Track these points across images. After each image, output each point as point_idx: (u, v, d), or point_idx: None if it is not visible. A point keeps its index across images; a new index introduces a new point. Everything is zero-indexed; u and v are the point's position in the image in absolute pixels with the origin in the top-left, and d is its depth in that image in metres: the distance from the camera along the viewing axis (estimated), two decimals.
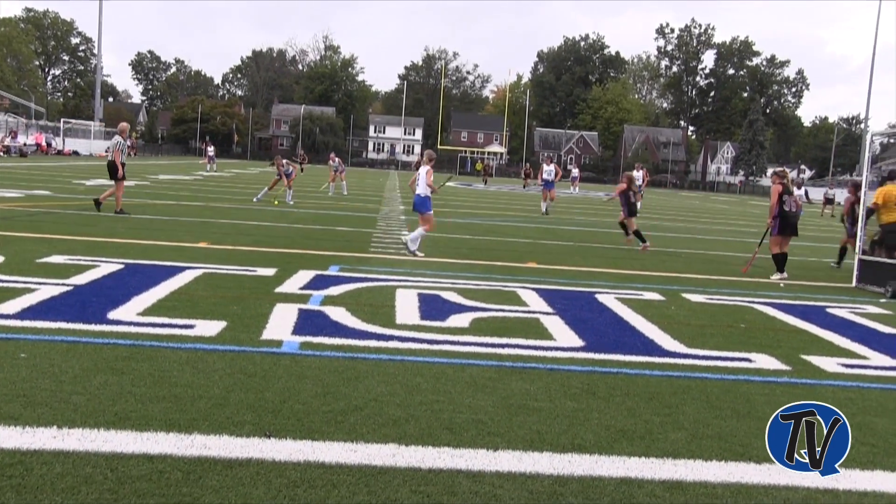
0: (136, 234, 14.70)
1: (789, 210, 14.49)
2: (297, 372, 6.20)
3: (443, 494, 4.13)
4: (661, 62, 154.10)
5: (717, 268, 15.75)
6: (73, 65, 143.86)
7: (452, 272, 12.37)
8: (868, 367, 7.72)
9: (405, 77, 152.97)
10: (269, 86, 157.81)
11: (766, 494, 4.44)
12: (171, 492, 3.95)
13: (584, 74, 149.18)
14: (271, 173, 36.32)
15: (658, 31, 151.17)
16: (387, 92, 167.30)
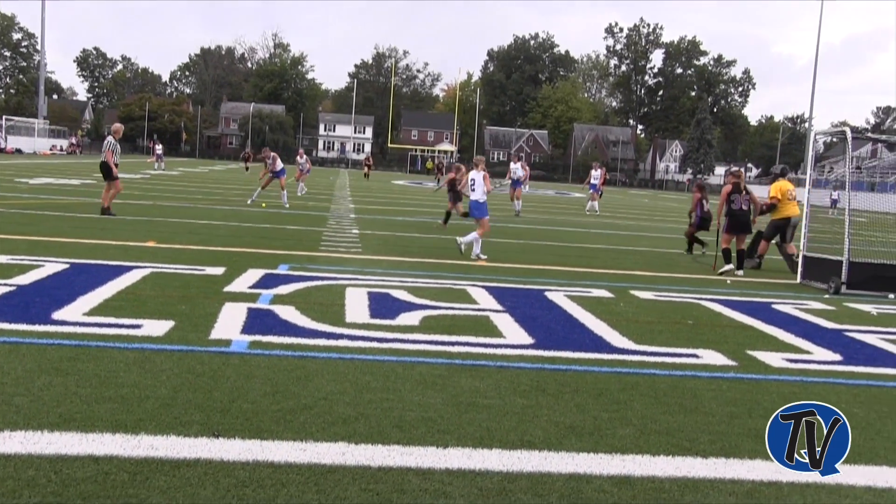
0: (81, 234, 14.49)
1: (738, 209, 14.99)
2: (246, 371, 6.15)
3: (392, 492, 4.12)
4: (610, 61, 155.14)
5: (666, 265, 15.91)
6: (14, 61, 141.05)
7: (402, 270, 12.36)
8: (811, 362, 7.85)
9: (355, 75, 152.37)
10: (218, 84, 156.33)
11: (713, 488, 4.49)
12: (117, 493, 3.90)
13: (534, 73, 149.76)
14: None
15: (607, 31, 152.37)
16: (337, 90, 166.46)
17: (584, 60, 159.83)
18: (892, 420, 6.06)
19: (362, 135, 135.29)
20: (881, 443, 5.49)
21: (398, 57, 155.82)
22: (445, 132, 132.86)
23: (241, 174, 54.48)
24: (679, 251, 19.06)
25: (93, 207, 19.83)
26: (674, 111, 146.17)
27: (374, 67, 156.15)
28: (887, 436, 5.66)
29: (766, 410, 6.05)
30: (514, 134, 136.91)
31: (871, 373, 7.58)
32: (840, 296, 12.94)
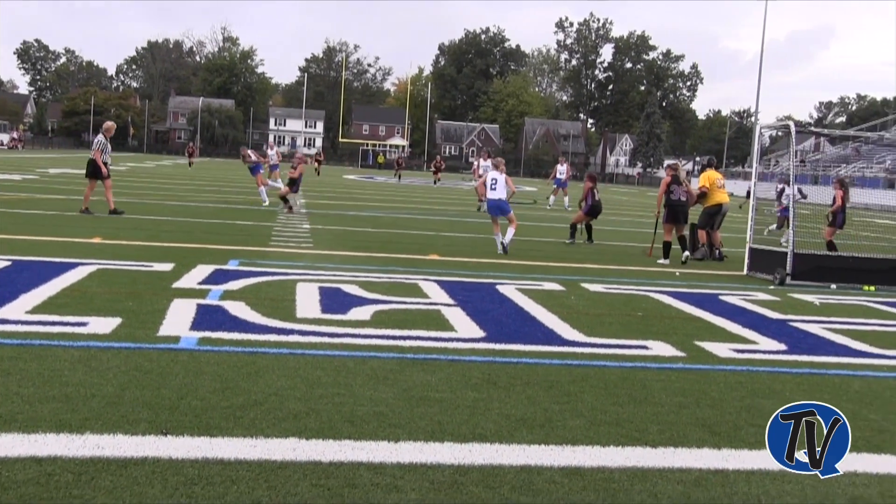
0: (24, 230, 14.25)
1: (676, 199, 15.62)
2: (196, 368, 6.09)
3: (343, 487, 4.12)
4: (560, 56, 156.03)
5: (616, 258, 16.04)
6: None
7: (354, 265, 12.32)
8: (757, 352, 7.97)
9: (306, 69, 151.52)
10: (166, 78, 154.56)
11: (661, 477, 4.54)
12: (61, 495, 3.84)
13: (485, 67, 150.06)
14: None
15: (557, 25, 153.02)
16: (287, 84, 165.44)
17: (534, 55, 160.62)
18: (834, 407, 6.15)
19: (313, 129, 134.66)
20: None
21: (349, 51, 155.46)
22: (397, 126, 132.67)
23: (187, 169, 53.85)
24: (631, 244, 19.23)
25: (36, 204, 19.52)
26: (623, 105, 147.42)
27: (325, 62, 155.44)
28: None
29: (714, 400, 6.14)
30: (466, 128, 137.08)
31: (813, 361, 7.72)
32: (785, 286, 13.14)
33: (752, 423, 5.62)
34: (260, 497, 3.94)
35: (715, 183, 16.87)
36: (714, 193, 16.77)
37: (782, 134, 27.97)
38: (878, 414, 6.06)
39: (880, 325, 10.01)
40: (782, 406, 6.02)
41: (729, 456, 4.95)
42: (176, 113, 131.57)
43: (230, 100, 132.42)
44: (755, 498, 4.33)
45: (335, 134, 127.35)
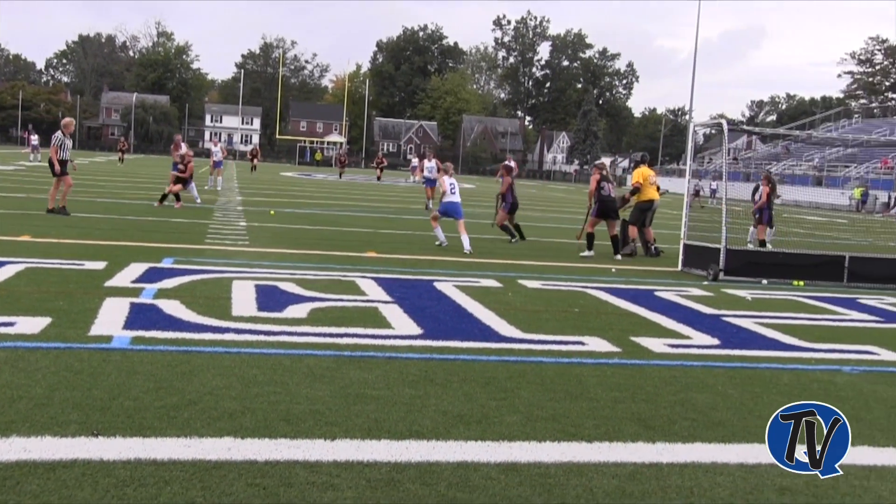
0: None
1: (607, 195, 16.13)
2: (128, 367, 6.00)
3: (279, 486, 4.09)
4: (498, 53, 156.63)
5: (554, 254, 16.15)
6: None
7: (291, 262, 12.24)
8: (691, 347, 8.09)
9: (242, 65, 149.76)
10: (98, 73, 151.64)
11: (597, 471, 4.58)
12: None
13: (423, 64, 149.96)
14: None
15: (495, 23, 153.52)
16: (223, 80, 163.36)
17: (472, 52, 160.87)
18: (764, 400, 6.29)
19: (250, 126, 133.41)
20: (753, 422, 5.70)
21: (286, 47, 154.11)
22: (335, 123, 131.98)
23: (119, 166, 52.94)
24: (568, 241, 19.38)
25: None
26: (561, 103, 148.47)
27: (262, 58, 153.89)
28: (759, 414, 5.87)
29: (649, 394, 6.22)
30: (404, 125, 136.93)
31: (745, 355, 7.86)
32: (718, 282, 13.36)
33: (685, 416, 5.70)
34: (194, 497, 3.89)
35: (648, 179, 17.11)
36: (646, 190, 17.01)
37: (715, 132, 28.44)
38: None
39: (809, 320, 10.22)
40: (715, 399, 6.16)
41: (663, 450, 5.02)
42: (109, 109, 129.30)
43: (165, 96, 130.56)
44: (688, 490, 4.40)
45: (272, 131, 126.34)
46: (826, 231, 22.87)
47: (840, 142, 59.41)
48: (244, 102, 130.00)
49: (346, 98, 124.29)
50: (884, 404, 6.41)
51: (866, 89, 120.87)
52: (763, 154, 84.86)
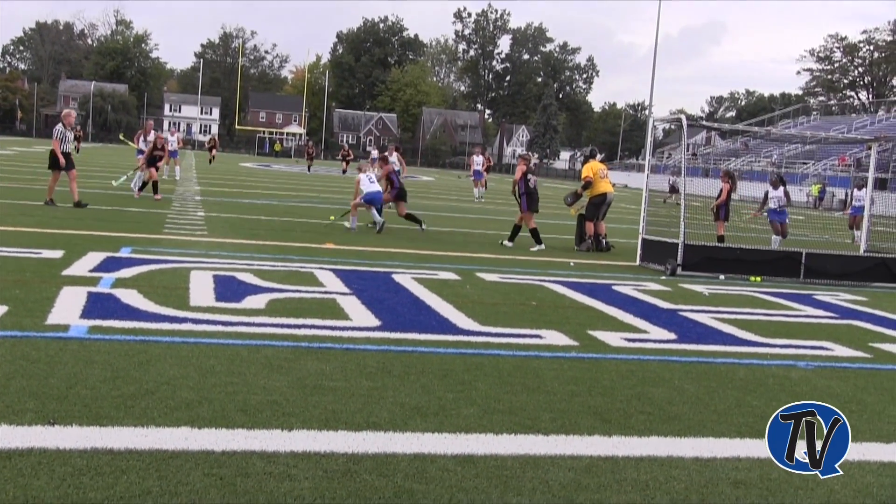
0: None
1: (534, 188, 16.61)
2: (85, 357, 5.95)
3: (236, 476, 4.08)
4: (458, 46, 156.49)
5: (511, 248, 16.20)
6: None
7: (249, 253, 12.18)
8: (648, 341, 8.17)
9: (201, 55, 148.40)
10: (56, 60, 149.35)
11: (553, 464, 4.62)
12: None
13: (384, 56, 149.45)
14: None
15: (456, 16, 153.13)
16: (182, 70, 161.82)
17: (432, 44, 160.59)
18: (720, 394, 6.38)
19: (209, 116, 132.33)
20: (709, 416, 5.77)
21: (245, 37, 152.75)
22: (294, 114, 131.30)
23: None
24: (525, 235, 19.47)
25: None
26: (521, 96, 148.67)
27: (221, 47, 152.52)
28: (714, 409, 5.96)
29: (605, 388, 6.27)
30: (364, 117, 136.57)
31: (702, 350, 7.95)
32: (676, 277, 13.49)
33: (641, 410, 5.76)
34: (150, 487, 3.87)
35: (598, 173, 17.15)
36: (598, 184, 17.06)
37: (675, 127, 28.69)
38: (760, 401, 6.27)
39: (765, 315, 10.36)
40: (671, 394, 6.23)
41: (619, 443, 5.07)
42: (67, 97, 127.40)
43: (123, 84, 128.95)
44: (643, 483, 4.45)
45: (231, 121, 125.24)
46: None
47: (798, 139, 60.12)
48: (203, 92, 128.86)
49: (306, 89, 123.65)
50: (837, 399, 6.51)
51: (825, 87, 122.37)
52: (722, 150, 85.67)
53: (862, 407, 6.37)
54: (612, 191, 17.41)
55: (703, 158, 78.50)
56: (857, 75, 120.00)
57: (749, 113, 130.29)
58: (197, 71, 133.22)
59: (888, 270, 14.68)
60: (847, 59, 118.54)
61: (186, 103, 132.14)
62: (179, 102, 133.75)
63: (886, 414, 6.24)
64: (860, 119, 77.89)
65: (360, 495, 3.98)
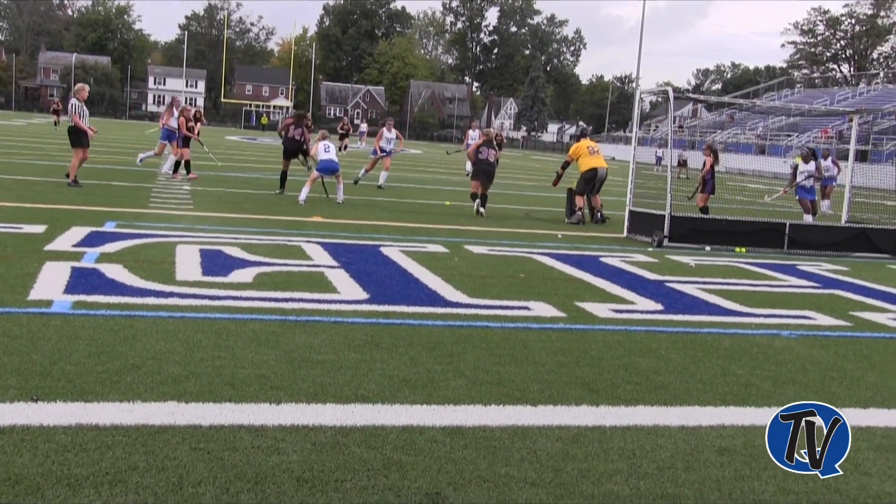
0: None
1: (484, 159, 17.01)
2: (70, 332, 5.92)
3: (224, 451, 4.07)
4: (446, 18, 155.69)
5: (499, 221, 16.19)
6: None
7: (235, 227, 12.13)
8: (635, 312, 8.19)
9: (186, 27, 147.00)
10: (35, 31, 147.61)
11: (541, 434, 4.64)
12: None
13: (371, 28, 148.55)
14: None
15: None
16: (167, 42, 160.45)
17: (420, 17, 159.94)
18: (705, 364, 6.40)
19: (194, 89, 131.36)
20: (694, 385, 5.80)
21: (231, 9, 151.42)
22: (281, 87, 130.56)
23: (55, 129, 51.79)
24: (514, 206, 19.45)
25: None
26: (508, 69, 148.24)
27: (206, 20, 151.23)
28: (700, 378, 5.98)
29: (593, 359, 6.29)
30: (351, 90, 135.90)
31: (688, 320, 7.98)
32: (662, 248, 13.52)
33: (628, 380, 5.78)
34: (137, 462, 3.86)
35: (585, 151, 17.35)
36: (586, 160, 17.19)
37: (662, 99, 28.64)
38: (745, 370, 6.30)
39: (750, 285, 10.39)
40: (658, 363, 6.25)
41: (606, 413, 5.09)
42: (47, 69, 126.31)
43: (106, 57, 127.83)
44: (630, 452, 4.47)
45: (217, 94, 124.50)
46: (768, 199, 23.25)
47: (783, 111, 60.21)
48: (188, 65, 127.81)
49: (293, 62, 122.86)
50: (819, 367, 6.56)
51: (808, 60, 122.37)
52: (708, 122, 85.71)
53: (842, 374, 6.43)
54: (605, 166, 17.41)
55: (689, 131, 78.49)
56: (839, 48, 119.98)
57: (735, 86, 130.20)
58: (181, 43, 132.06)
59: (869, 241, 14.82)
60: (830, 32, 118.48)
61: (171, 76, 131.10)
62: (164, 75, 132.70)
63: (864, 380, 6.30)
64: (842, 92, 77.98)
65: (348, 467, 3.99)
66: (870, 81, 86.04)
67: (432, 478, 3.95)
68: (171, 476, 3.74)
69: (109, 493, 3.54)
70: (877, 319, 8.72)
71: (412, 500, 3.70)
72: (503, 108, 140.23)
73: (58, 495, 3.48)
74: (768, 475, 4.26)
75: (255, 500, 3.58)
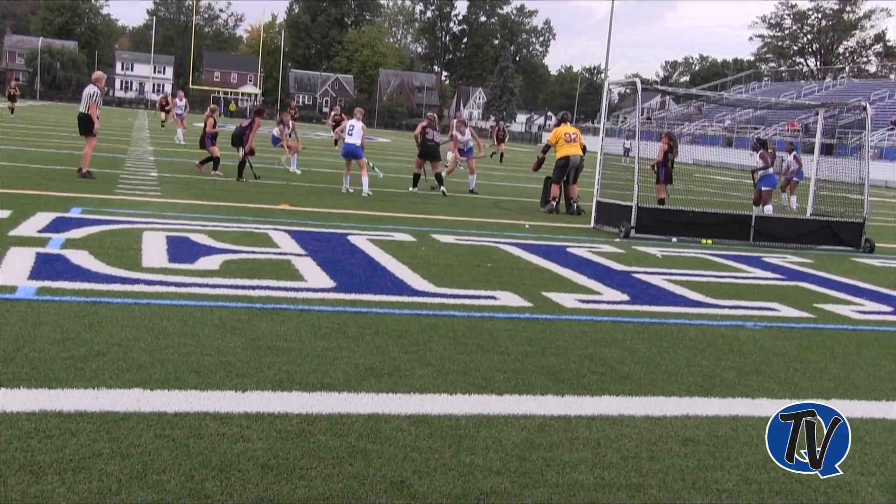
0: None
1: (430, 139, 18.64)
2: (34, 318, 5.87)
3: (189, 438, 4.06)
4: (415, 7, 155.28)
5: (466, 210, 16.22)
6: None
7: (203, 214, 12.06)
8: (601, 302, 8.23)
9: (154, 12, 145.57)
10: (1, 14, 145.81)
11: (506, 423, 4.66)
12: None
13: (340, 16, 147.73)
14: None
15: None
16: (135, 27, 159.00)
17: (389, 5, 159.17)
18: (671, 354, 6.46)
19: (162, 75, 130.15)
20: (659, 375, 5.85)
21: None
22: (249, 74, 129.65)
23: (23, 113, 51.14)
24: (483, 196, 19.47)
25: None
26: (478, 59, 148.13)
27: (174, 5, 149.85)
28: (665, 368, 6.03)
29: (559, 349, 6.32)
30: (320, 78, 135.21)
31: (654, 311, 8.03)
32: (629, 239, 13.60)
33: (594, 370, 5.82)
34: (101, 449, 3.85)
35: (563, 137, 17.29)
36: (562, 147, 17.18)
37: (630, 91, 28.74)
38: (709, 360, 6.37)
39: (715, 277, 10.48)
40: (623, 354, 6.29)
41: (571, 402, 5.12)
42: (13, 53, 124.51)
43: (73, 41, 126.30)
44: (595, 442, 4.50)
45: (185, 80, 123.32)
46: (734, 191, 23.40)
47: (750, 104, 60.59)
48: (156, 51, 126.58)
49: (262, 49, 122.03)
50: (782, 358, 6.64)
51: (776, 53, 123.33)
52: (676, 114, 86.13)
53: (805, 365, 6.50)
54: (579, 153, 17.37)
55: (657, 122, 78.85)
56: (805, 42, 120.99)
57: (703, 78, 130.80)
58: (149, 28, 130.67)
59: (833, 234, 14.98)
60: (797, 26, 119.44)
61: (139, 62, 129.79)
62: (132, 61, 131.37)
63: (827, 371, 6.38)
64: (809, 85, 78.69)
65: (314, 455, 3.99)
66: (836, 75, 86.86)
67: (397, 466, 3.96)
68: (135, 463, 3.73)
69: (73, 479, 3.52)
70: (840, 311, 8.83)
71: (377, 488, 3.71)
72: (472, 97, 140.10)
73: (20, 482, 3.46)
74: (731, 465, 4.31)
75: (220, 488, 3.57)
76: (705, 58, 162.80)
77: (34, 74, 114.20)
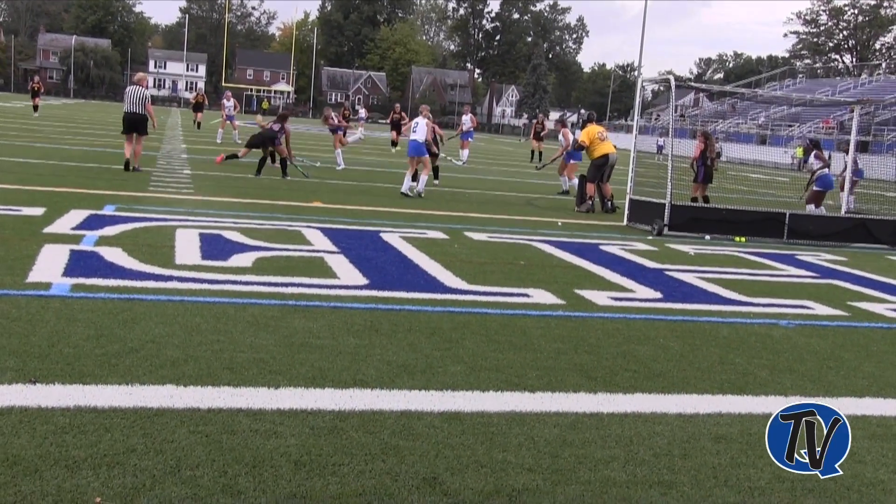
0: None
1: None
2: (68, 315, 5.92)
3: (222, 434, 4.08)
4: (448, 4, 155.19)
5: (500, 207, 16.19)
6: None
7: (235, 211, 12.13)
8: (634, 300, 8.19)
9: (187, 10, 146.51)
10: (34, 12, 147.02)
11: (538, 420, 4.64)
12: None
13: (373, 14, 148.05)
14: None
15: None
16: (167, 25, 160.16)
17: (422, 3, 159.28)
18: (703, 352, 6.41)
19: (195, 73, 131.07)
20: (692, 373, 5.81)
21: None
22: (282, 72, 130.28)
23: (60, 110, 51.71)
24: (515, 193, 19.44)
25: None
26: (510, 56, 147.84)
27: (207, 3, 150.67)
28: (698, 366, 5.99)
29: (591, 346, 6.29)
30: (352, 75, 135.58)
31: (686, 309, 7.98)
32: (662, 237, 13.52)
33: (626, 368, 5.78)
34: (135, 444, 3.87)
35: (597, 136, 17.13)
36: (597, 146, 17.03)
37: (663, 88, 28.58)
38: (742, 358, 6.31)
39: (749, 275, 10.39)
40: (656, 351, 6.25)
41: (604, 400, 5.09)
42: (46, 51, 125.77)
43: (106, 39, 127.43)
44: (627, 439, 4.47)
45: (218, 78, 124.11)
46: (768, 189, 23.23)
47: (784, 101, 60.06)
48: (189, 49, 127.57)
49: (294, 46, 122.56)
50: (816, 356, 6.57)
51: (811, 49, 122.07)
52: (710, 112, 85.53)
53: (839, 363, 6.43)
54: (615, 152, 17.24)
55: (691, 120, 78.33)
56: (841, 38, 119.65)
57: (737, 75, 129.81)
58: (182, 27, 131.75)
59: (868, 231, 14.82)
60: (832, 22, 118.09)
61: (172, 59, 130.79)
62: (164, 59, 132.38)
63: (861, 370, 6.31)
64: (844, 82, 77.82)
65: (346, 452, 3.99)
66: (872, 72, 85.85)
67: (430, 463, 3.96)
68: (168, 458, 3.75)
69: (107, 474, 3.55)
70: (874, 309, 8.72)
71: (409, 485, 3.71)
72: (505, 95, 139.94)
73: (56, 476, 3.49)
74: (764, 463, 4.27)
75: (253, 484, 3.58)
76: (739, 55, 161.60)
77: (67, 73, 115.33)
